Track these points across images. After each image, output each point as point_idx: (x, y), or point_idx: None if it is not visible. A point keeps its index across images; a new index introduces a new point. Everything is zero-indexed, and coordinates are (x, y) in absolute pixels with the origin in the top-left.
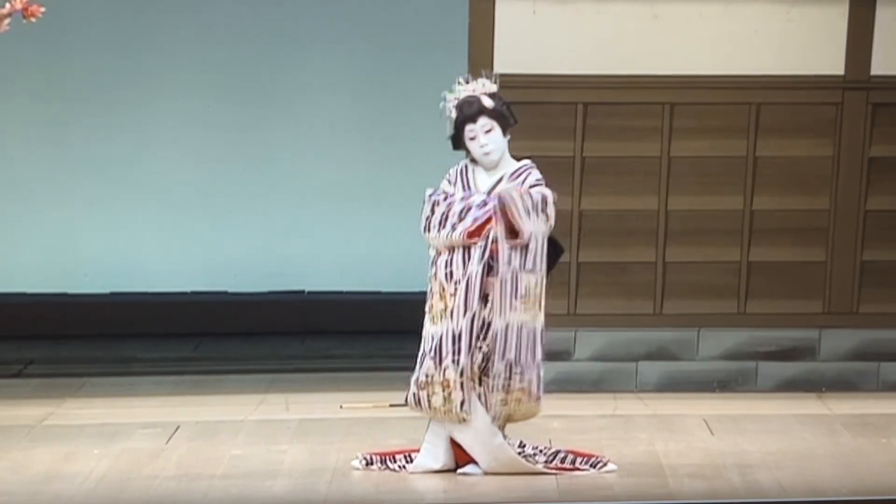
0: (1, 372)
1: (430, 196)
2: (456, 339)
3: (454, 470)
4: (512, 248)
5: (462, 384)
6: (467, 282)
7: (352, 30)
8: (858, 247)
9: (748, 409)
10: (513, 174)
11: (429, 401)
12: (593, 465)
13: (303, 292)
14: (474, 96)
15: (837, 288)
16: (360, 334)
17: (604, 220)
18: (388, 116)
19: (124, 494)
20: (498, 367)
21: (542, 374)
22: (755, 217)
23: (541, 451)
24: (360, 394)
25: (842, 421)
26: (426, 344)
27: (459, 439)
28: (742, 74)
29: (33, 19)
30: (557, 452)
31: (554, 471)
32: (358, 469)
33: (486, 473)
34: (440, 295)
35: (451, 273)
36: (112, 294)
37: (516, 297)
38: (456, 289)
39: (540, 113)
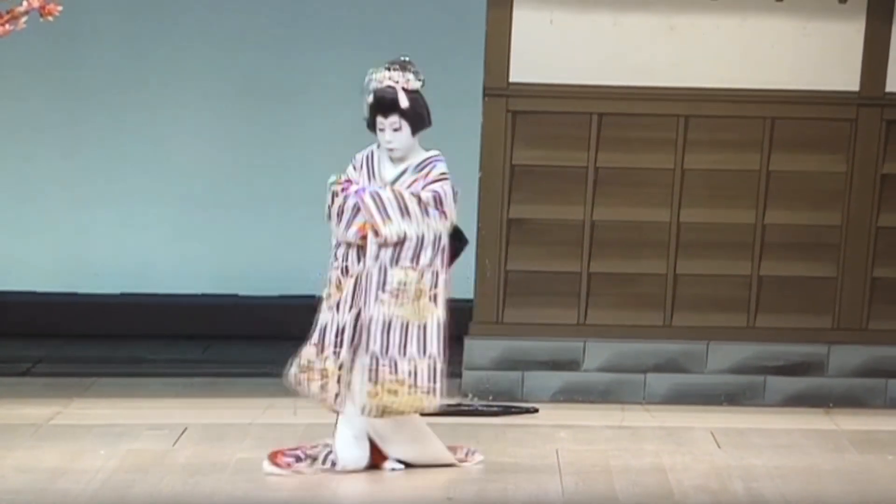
0: (9, 370)
1: (331, 185)
2: (339, 332)
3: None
4: (381, 244)
5: (340, 377)
6: (356, 278)
7: (366, 37)
8: (869, 263)
9: (755, 423)
10: (418, 166)
11: (308, 385)
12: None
13: (314, 297)
14: (393, 89)
15: (847, 304)
16: None
17: (615, 230)
18: None
19: (130, 495)
20: (363, 358)
21: (435, 367)
22: (767, 231)
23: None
24: None
25: (849, 437)
26: (313, 329)
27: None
28: (757, 88)
29: (50, 18)
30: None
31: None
32: (273, 475)
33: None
34: (336, 286)
35: (348, 268)
36: (122, 295)
37: (383, 290)
38: (347, 283)
39: (554, 123)
